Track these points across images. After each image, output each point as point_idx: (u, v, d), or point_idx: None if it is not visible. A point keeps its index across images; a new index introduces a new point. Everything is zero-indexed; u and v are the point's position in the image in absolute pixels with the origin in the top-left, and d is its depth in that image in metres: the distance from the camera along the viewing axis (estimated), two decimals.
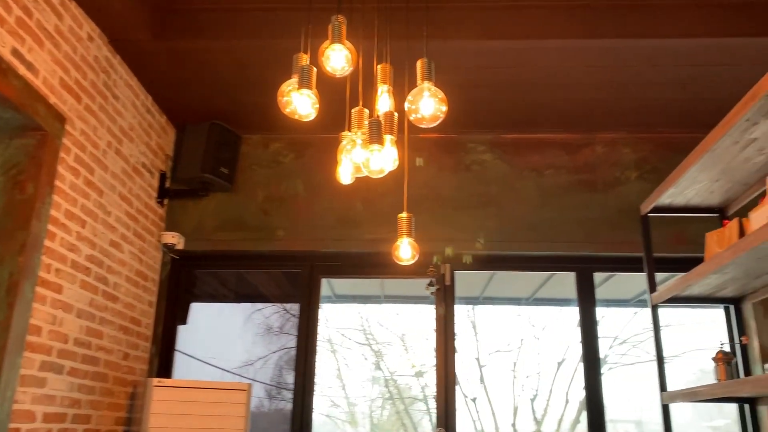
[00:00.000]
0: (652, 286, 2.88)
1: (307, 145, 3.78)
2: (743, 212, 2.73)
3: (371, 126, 1.88)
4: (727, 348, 2.74)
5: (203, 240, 3.60)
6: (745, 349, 2.83)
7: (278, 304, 4.21)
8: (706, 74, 3.07)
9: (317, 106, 1.96)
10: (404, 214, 2.14)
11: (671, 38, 2.87)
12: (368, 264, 3.68)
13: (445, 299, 3.61)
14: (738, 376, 2.67)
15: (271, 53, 3.00)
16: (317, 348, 3.59)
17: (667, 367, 2.80)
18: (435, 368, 3.50)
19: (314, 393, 3.51)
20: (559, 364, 8.95)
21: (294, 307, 3.77)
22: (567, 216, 3.55)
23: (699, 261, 3.28)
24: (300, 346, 3.56)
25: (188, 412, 3.04)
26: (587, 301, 3.56)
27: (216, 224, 3.64)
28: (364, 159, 1.89)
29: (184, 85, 3.31)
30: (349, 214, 3.65)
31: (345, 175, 2.17)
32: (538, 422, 8.57)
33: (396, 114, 2.06)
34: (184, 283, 3.71)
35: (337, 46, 1.99)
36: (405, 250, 2.07)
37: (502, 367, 8.26)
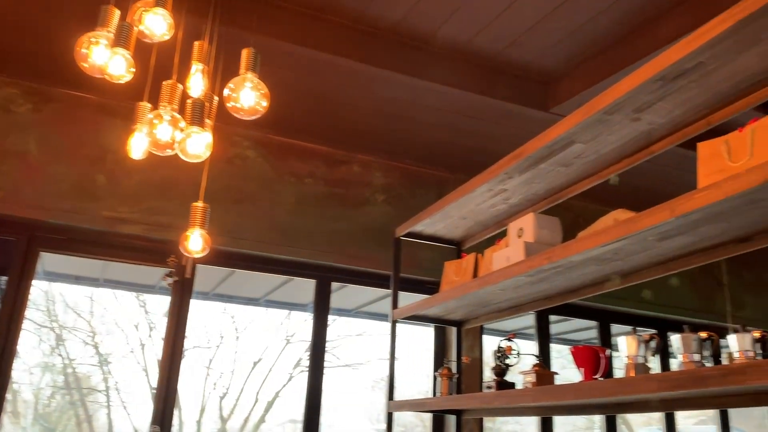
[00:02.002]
0: (395, 303, 3.15)
1: (49, 99, 3.26)
2: (477, 248, 3.17)
3: (195, 107, 1.73)
4: (452, 365, 3.13)
5: None
6: (460, 366, 3.27)
7: None
8: (462, 123, 3.50)
9: (133, 70, 1.73)
10: (200, 204, 2.00)
11: (438, 84, 3.20)
12: (101, 243, 3.31)
13: (182, 292, 3.43)
14: (456, 392, 3.05)
15: None
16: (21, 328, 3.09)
17: (352, 372, 3.07)
18: (158, 362, 3.30)
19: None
20: (255, 363, 9.07)
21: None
22: (318, 225, 3.68)
23: (426, 283, 3.68)
24: (1, 324, 3.02)
25: None
26: (322, 309, 3.72)
27: None
28: (179, 139, 1.73)
29: None
30: (88, 186, 3.24)
31: (137, 149, 1.94)
32: (224, 420, 8.53)
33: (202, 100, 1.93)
34: None
35: (160, 11, 1.79)
36: (195, 242, 1.93)
37: (198, 364, 8.05)
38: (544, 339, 4.25)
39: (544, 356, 4.17)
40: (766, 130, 1.73)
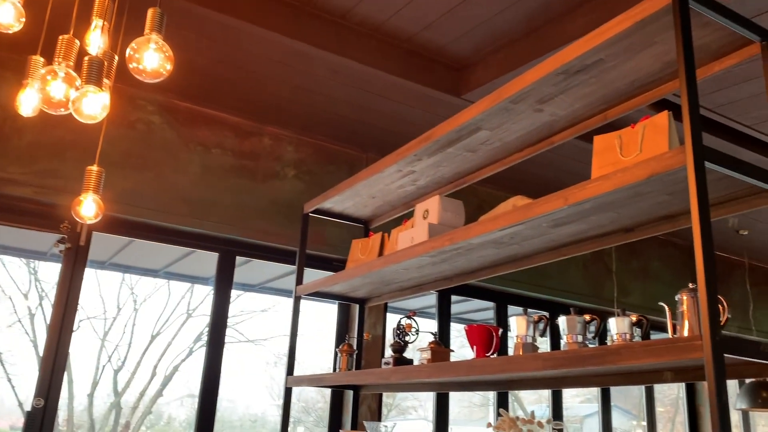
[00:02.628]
0: (300, 280, 3.13)
1: None
2: (384, 228, 3.21)
3: (92, 65, 1.63)
4: (353, 342, 3.16)
5: None
6: (362, 343, 3.31)
7: None
8: (377, 103, 3.50)
9: (23, 20, 1.61)
10: (94, 167, 1.90)
11: (353, 61, 3.18)
12: None
13: (75, 260, 3.26)
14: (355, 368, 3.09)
15: None
16: None
17: (255, 348, 3.07)
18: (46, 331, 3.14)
19: None
20: (154, 337, 8.80)
21: None
22: (223, 197, 3.59)
23: (333, 260, 3.68)
24: None
25: None
26: (224, 283, 3.65)
27: None
28: (74, 98, 1.63)
29: None
30: None
31: (27, 106, 1.82)
32: (119, 394, 8.25)
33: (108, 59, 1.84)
34: None
35: None
36: (88, 207, 1.84)
37: (92, 336, 7.73)
38: (445, 318, 4.38)
39: (444, 335, 4.30)
40: (656, 127, 1.84)
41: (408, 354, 2.84)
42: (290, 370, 3.03)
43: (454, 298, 4.51)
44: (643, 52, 1.85)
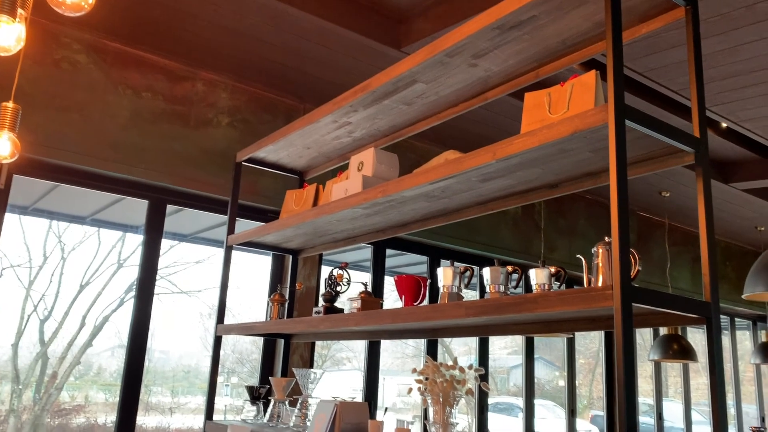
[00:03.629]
0: (232, 229, 3.10)
1: None
2: (320, 179, 3.20)
3: None
4: (285, 292, 3.16)
5: None
6: (294, 293, 3.32)
7: None
8: (315, 52, 3.44)
9: None
10: (10, 104, 1.81)
11: (291, 6, 3.11)
12: None
13: None
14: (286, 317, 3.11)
15: None
16: None
17: (189, 299, 3.06)
18: None
19: None
20: (83, 286, 8.58)
21: None
22: (154, 143, 3.49)
23: (267, 212, 3.66)
24: None
25: None
26: (155, 231, 3.58)
27: None
28: None
29: None
30: None
31: None
32: (45, 344, 8.05)
33: None
34: None
35: None
36: (3, 146, 1.75)
37: (15, 284, 7.47)
38: (379, 272, 4.44)
39: (378, 289, 4.36)
40: (584, 86, 1.89)
41: (340, 305, 2.87)
42: (220, 318, 3.03)
43: (388, 252, 4.57)
44: (574, 11, 1.88)
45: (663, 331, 4.75)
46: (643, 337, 7.44)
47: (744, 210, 5.70)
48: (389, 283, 4.76)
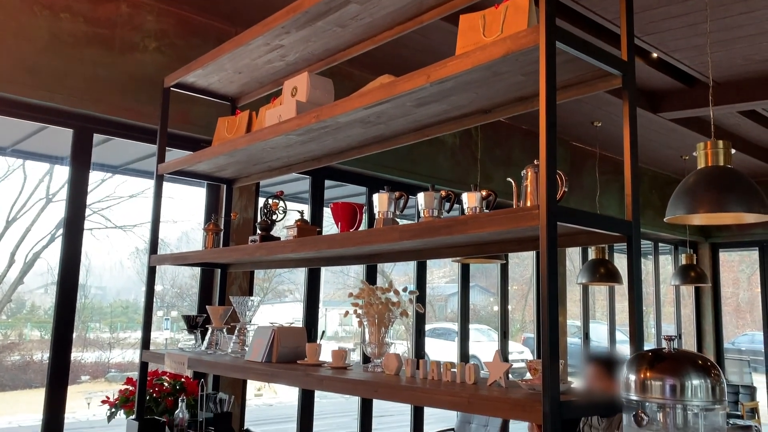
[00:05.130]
0: (162, 158, 3.01)
1: None
2: (252, 106, 3.11)
3: None
4: (220, 222, 3.12)
5: None
6: (230, 223, 3.28)
7: None
8: None
9: None
10: None
11: None
12: None
13: None
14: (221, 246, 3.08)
15: None
16: None
17: (124, 234, 3.00)
18: None
19: None
20: (10, 222, 8.23)
21: None
22: (76, 69, 3.29)
23: (200, 141, 3.56)
24: None
25: None
26: (82, 162, 3.43)
27: None
28: None
29: None
30: None
31: None
32: None
33: None
34: None
35: None
36: None
37: None
38: (318, 203, 4.43)
39: (317, 220, 4.36)
40: (517, 9, 1.87)
41: (278, 235, 2.86)
42: (153, 248, 2.97)
43: (327, 183, 4.55)
44: None
45: (591, 255, 4.96)
46: (573, 263, 7.77)
47: (670, 140, 5.92)
48: (328, 215, 4.76)
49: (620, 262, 6.30)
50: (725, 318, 8.01)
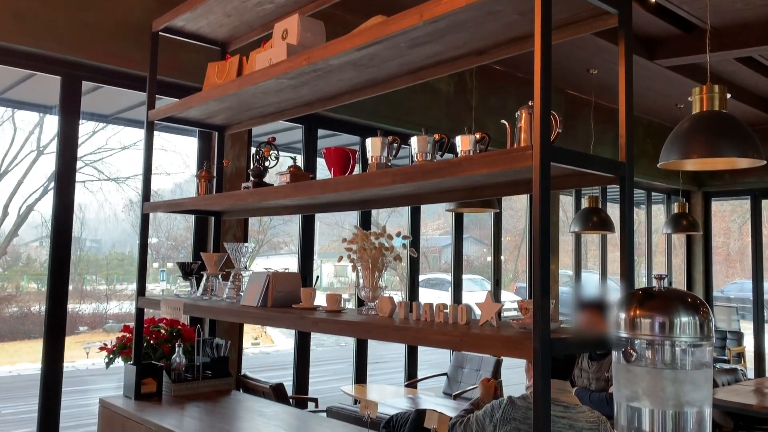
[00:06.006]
0: (152, 104, 2.97)
1: None
2: (242, 51, 3.05)
3: None
4: (212, 170, 3.10)
5: None
6: (222, 171, 3.26)
7: None
8: None
9: None
10: None
11: None
12: None
13: None
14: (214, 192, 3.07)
15: None
16: None
17: (118, 186, 2.98)
18: None
19: None
20: (1, 175, 8.17)
21: None
22: (63, 14, 3.21)
23: (190, 88, 3.50)
24: None
25: None
26: (71, 110, 3.38)
27: None
28: None
29: None
30: None
31: None
32: None
33: None
34: None
35: None
36: None
37: None
38: (311, 152, 4.40)
39: (310, 169, 4.34)
40: None
41: (271, 182, 2.84)
42: (146, 196, 2.96)
43: (321, 133, 4.51)
44: None
45: (584, 204, 4.97)
46: (566, 214, 7.80)
47: (666, 88, 5.87)
48: (321, 166, 4.73)
49: (613, 211, 6.32)
50: (715, 267, 8.10)
